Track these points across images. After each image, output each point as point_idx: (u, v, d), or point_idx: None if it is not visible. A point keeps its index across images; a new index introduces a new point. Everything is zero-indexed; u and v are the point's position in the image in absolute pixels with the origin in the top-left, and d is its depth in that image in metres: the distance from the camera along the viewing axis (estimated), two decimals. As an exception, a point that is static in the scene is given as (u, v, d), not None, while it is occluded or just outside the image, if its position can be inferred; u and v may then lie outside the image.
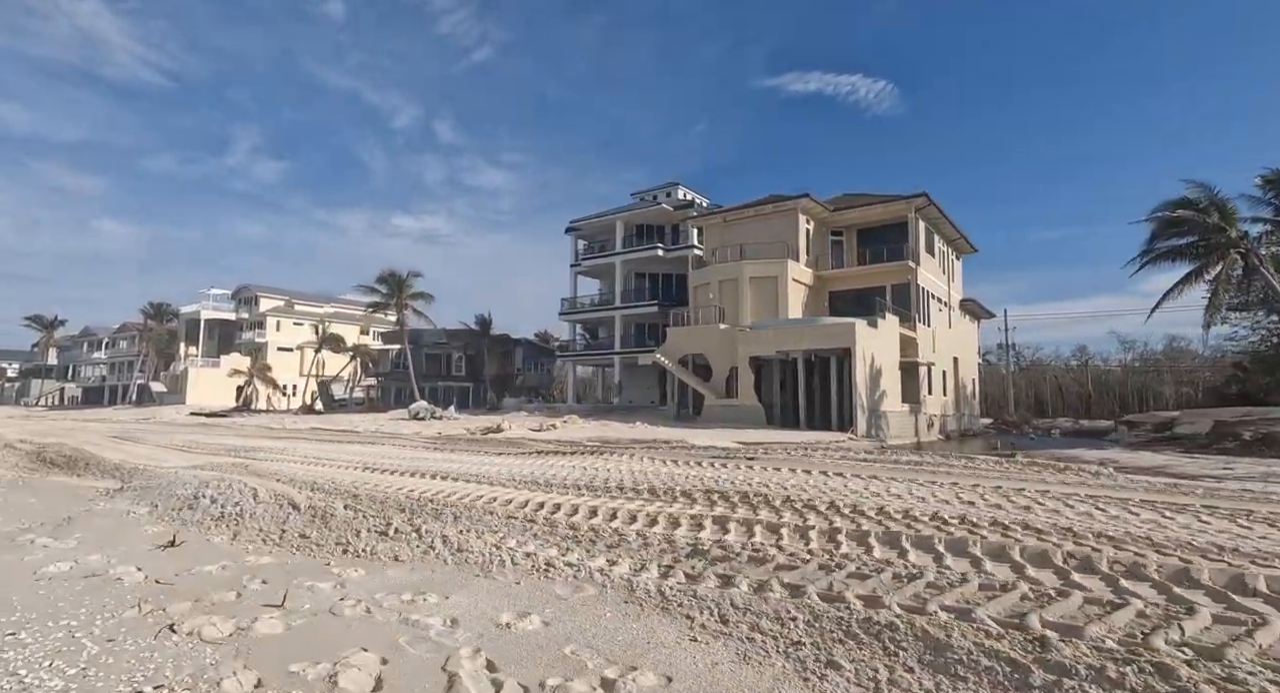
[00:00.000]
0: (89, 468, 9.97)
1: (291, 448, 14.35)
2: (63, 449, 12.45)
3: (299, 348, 66.62)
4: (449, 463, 10.96)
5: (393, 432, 20.69)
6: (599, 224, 41.16)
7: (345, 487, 7.38)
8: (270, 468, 9.46)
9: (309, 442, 16.88)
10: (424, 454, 12.95)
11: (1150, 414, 39.12)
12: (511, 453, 13.13)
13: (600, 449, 13.44)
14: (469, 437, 19.12)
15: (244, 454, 12.58)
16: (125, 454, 12.04)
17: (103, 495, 7.18)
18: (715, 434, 19.55)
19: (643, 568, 4.24)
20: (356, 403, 49.26)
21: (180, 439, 17.43)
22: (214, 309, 67.60)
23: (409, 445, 15.43)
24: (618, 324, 38.29)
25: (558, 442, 16.31)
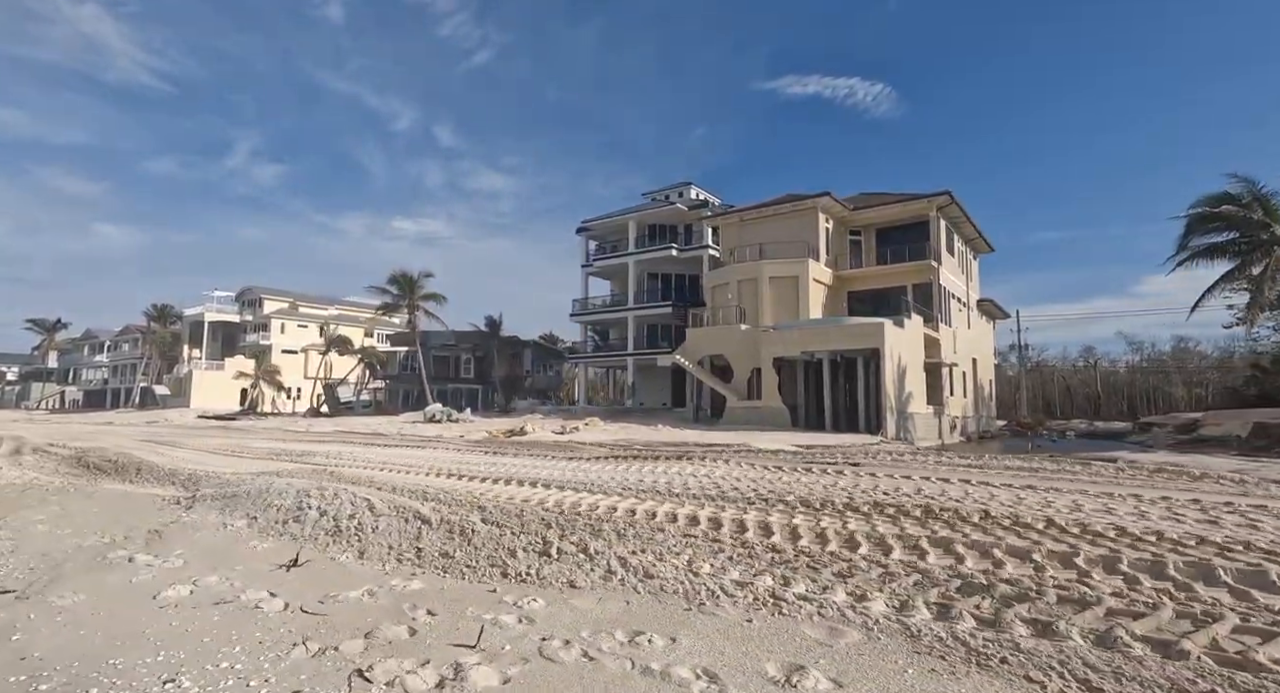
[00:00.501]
0: (141, 474, 9.44)
1: (341, 452, 13.69)
2: (105, 454, 11.85)
3: (303, 350, 66.14)
4: (527, 468, 10.32)
5: (418, 434, 20.18)
6: (611, 224, 40.73)
7: (460, 497, 6.71)
8: (354, 474, 8.84)
9: (346, 445, 16.29)
10: (482, 458, 12.22)
11: (1170, 416, 38.66)
12: (583, 458, 12.29)
13: (684, 453, 12.55)
14: (497, 439, 18.65)
15: (299, 459, 11.97)
16: (168, 459, 11.48)
17: (174, 505, 6.69)
18: (751, 437, 19.07)
19: (907, 605, 3.56)
20: (363, 406, 48.74)
21: (212, 443, 16.85)
22: (218, 311, 67.10)
23: (454, 448, 14.85)
24: (630, 325, 37.83)
25: (596, 444, 15.82)
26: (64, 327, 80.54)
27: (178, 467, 9.87)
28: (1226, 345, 73.91)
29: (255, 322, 67.35)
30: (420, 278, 38.44)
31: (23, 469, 10.25)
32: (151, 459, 10.99)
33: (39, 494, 7.67)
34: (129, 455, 11.46)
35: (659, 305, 36.85)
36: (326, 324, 69.20)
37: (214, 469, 9.62)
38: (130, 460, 10.61)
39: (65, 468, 10.67)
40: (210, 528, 5.62)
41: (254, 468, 9.98)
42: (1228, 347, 73.55)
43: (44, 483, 8.72)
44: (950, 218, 29.94)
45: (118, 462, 10.53)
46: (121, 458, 10.98)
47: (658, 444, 16.15)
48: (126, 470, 9.73)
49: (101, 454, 11.75)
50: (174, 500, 6.97)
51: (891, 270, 29.42)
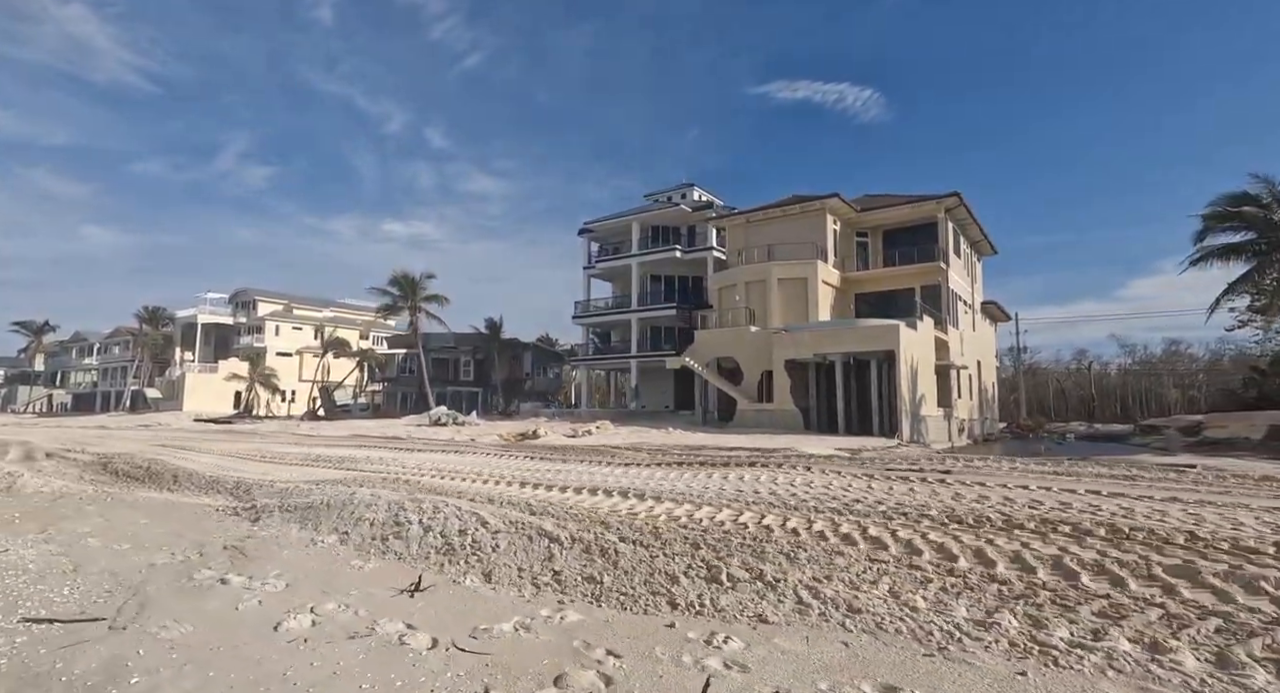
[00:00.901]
0: (179, 482, 8.98)
1: (383, 457, 13.08)
2: (133, 459, 11.29)
3: (298, 353, 65.37)
4: (592, 476, 9.65)
5: (431, 438, 19.71)
6: (613, 225, 40.46)
7: (569, 510, 6.08)
8: (430, 483, 8.23)
9: (373, 449, 15.64)
10: (533, 464, 11.54)
11: (1172, 418, 38.77)
12: (639, 464, 11.48)
13: (733, 460, 11.84)
14: (510, 442, 18.29)
15: (341, 465, 11.43)
16: (200, 465, 10.98)
17: (232, 516, 6.32)
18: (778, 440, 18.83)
19: (1225, 659, 2.94)
20: (360, 409, 48.13)
21: (234, 447, 16.25)
22: (211, 313, 66.16)
23: (487, 453, 14.29)
24: (634, 327, 37.55)
25: (631, 448, 15.41)
26: (52, 329, 79.20)
27: (219, 474, 9.38)
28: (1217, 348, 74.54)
29: (249, 324, 66.48)
30: (422, 279, 37.99)
31: (45, 476, 9.72)
32: (186, 465, 10.49)
33: (73, 504, 7.25)
34: (161, 461, 10.90)
35: (663, 307, 36.59)
36: (322, 326, 68.50)
37: (257, 476, 9.18)
38: (164, 467, 10.11)
39: (90, 475, 10.13)
40: (297, 545, 5.16)
41: (301, 475, 9.53)
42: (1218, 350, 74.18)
43: (75, 492, 8.29)
44: (958, 220, 29.90)
45: (149, 468, 10.02)
46: (153, 464, 10.45)
47: (667, 448, 15.81)
48: (161, 478, 9.27)
49: (129, 460, 11.19)
50: (229, 511, 6.57)
51: (900, 272, 29.32)
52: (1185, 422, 36.74)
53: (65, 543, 5.17)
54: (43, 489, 8.35)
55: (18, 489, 8.46)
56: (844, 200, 29.15)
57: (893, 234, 30.93)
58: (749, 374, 25.86)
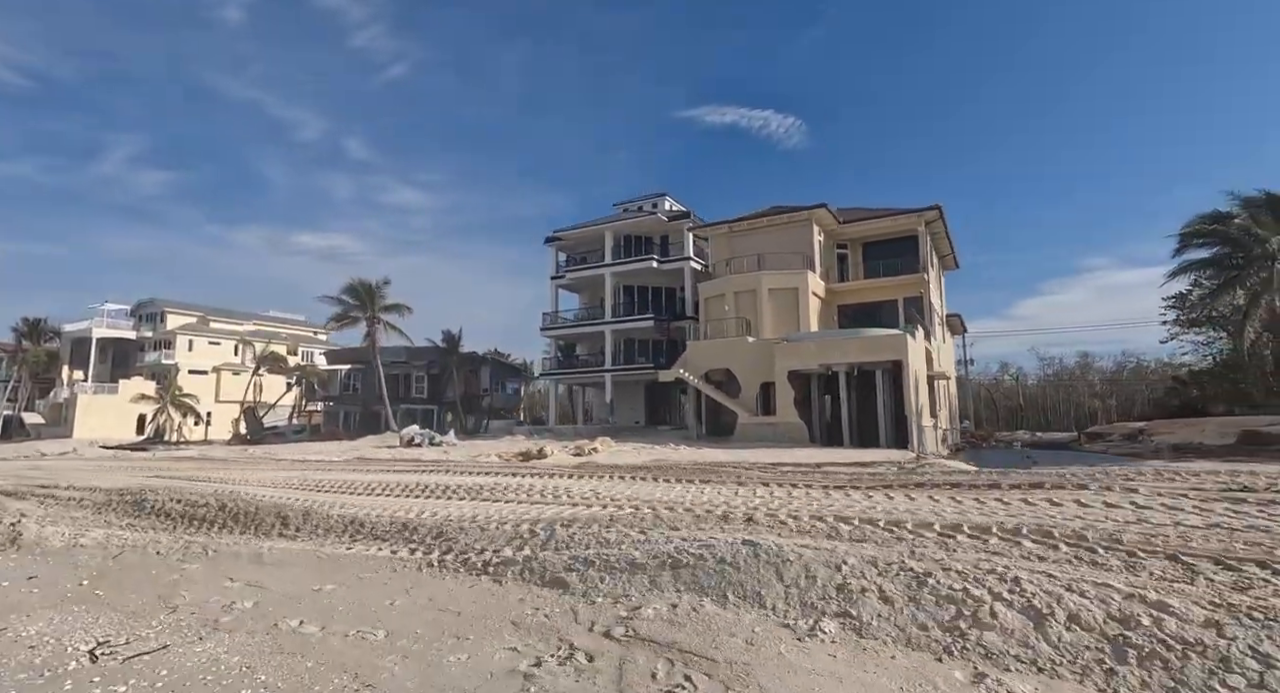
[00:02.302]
0: (289, 524, 6.85)
1: (479, 484, 10.77)
2: (188, 494, 8.60)
3: (215, 370, 59.06)
4: (817, 503, 8.00)
5: (442, 460, 17.04)
6: (584, 234, 38.94)
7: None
8: (646, 514, 6.68)
9: (410, 473, 13.10)
10: (676, 489, 9.70)
11: (1114, 425, 41.37)
12: (790, 485, 9.86)
13: (901, 482, 10.01)
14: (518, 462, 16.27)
15: (457, 494, 9.34)
16: (286, 500, 8.61)
17: (465, 574, 4.56)
18: (790, 454, 17.83)
19: None
20: (295, 432, 43.54)
21: (266, 476, 13.50)
22: (109, 327, 58.59)
23: (569, 476, 12.12)
24: (608, 339, 36.01)
25: (674, 465, 13.75)
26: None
27: (354, 513, 7.12)
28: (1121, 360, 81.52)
29: (156, 338, 59.44)
30: (380, 286, 34.79)
31: (54, 524, 7.28)
32: (282, 500, 8.07)
33: (158, 563, 5.42)
34: (241, 495, 8.31)
35: (641, 318, 35.30)
36: (244, 341, 62.34)
37: (393, 513, 7.17)
38: (250, 503, 7.63)
39: (125, 518, 7.74)
40: (771, 640, 3.33)
41: (443, 509, 7.56)
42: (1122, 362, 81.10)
43: (133, 542, 6.14)
44: (933, 234, 30.58)
45: (227, 505, 7.54)
46: (230, 500, 7.90)
47: (697, 466, 14.41)
48: (258, 518, 6.96)
49: (177, 495, 8.52)
50: (432, 565, 4.75)
51: (883, 284, 29.54)
52: (1126, 429, 39.15)
53: (258, 634, 3.26)
54: (83, 542, 6.20)
55: (32, 542, 6.35)
56: (830, 211, 29.14)
57: (872, 246, 31.27)
58: (747, 386, 24.95)
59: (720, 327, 27.88)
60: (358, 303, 34.20)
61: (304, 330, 70.83)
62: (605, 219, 38.99)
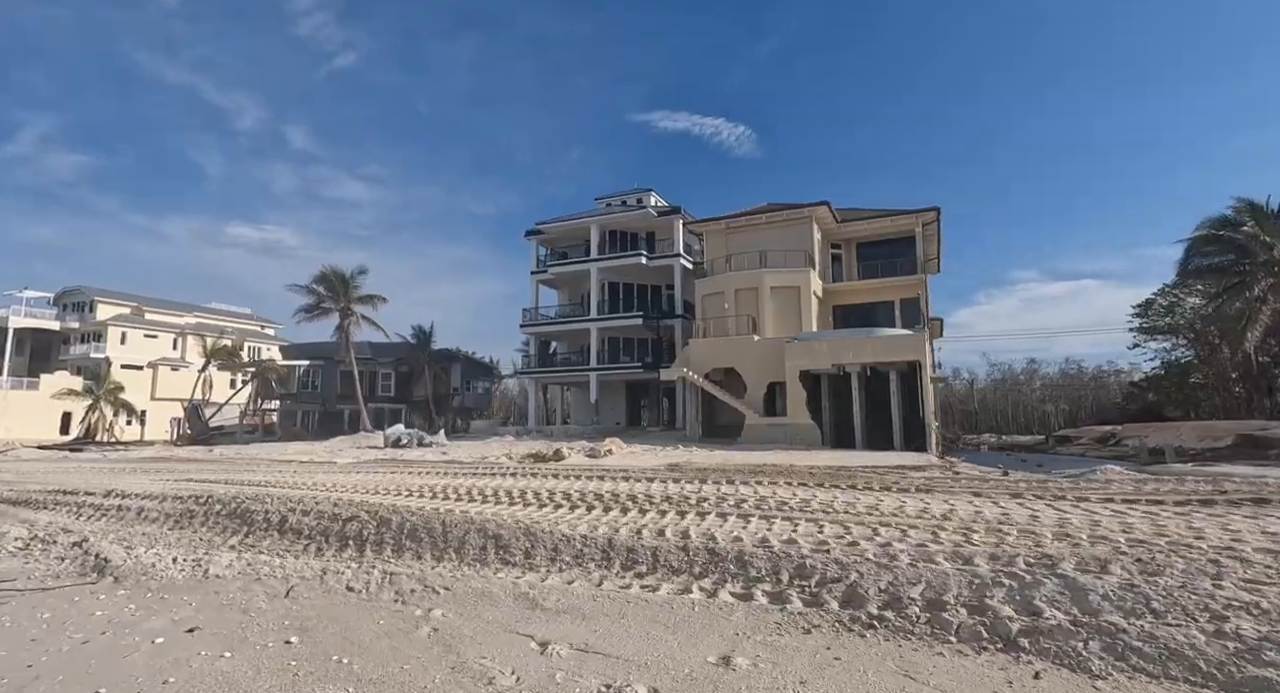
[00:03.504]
0: (513, 548, 5.23)
1: (555, 489, 9.26)
2: (310, 505, 6.98)
3: (152, 365, 54.41)
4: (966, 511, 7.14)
5: (457, 461, 15.23)
6: (567, 228, 37.41)
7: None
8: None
9: (447, 477, 11.57)
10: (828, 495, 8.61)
11: (1084, 429, 42.60)
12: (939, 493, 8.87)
13: (1013, 490, 9.06)
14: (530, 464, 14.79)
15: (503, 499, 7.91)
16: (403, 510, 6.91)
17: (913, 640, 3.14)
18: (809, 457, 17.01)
19: None
20: (247, 431, 40.21)
21: (295, 479, 11.57)
22: (28, 316, 53.02)
23: (609, 476, 10.81)
24: (594, 337, 34.60)
25: (716, 468, 12.53)
26: None
27: (567, 531, 5.61)
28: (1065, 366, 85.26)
29: (84, 330, 54.29)
30: (354, 276, 32.20)
31: (158, 545, 5.96)
32: (471, 513, 6.44)
33: (389, 610, 4.05)
34: (409, 510, 6.42)
35: (629, 316, 34.04)
36: (183, 334, 57.63)
37: (619, 530, 5.75)
38: (430, 518, 5.90)
39: (228, 536, 6.23)
40: None
41: (643, 522, 6.23)
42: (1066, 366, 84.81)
43: (294, 572, 4.71)
44: (928, 236, 30.59)
45: (392, 521, 5.85)
46: (401, 517, 6.09)
47: (729, 469, 13.36)
48: (453, 540, 5.34)
49: (308, 506, 6.70)
50: (853, 623, 3.46)
51: (880, 285, 29.29)
52: (1097, 432, 40.28)
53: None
54: (208, 570, 4.87)
55: (133, 571, 5.06)
56: (831, 210, 28.68)
57: (867, 246, 31.04)
58: (753, 386, 24.09)
59: (720, 325, 26.96)
60: (330, 293, 31.58)
61: (250, 324, 66.29)
62: (590, 212, 37.59)
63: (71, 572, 5.31)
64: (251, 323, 66.88)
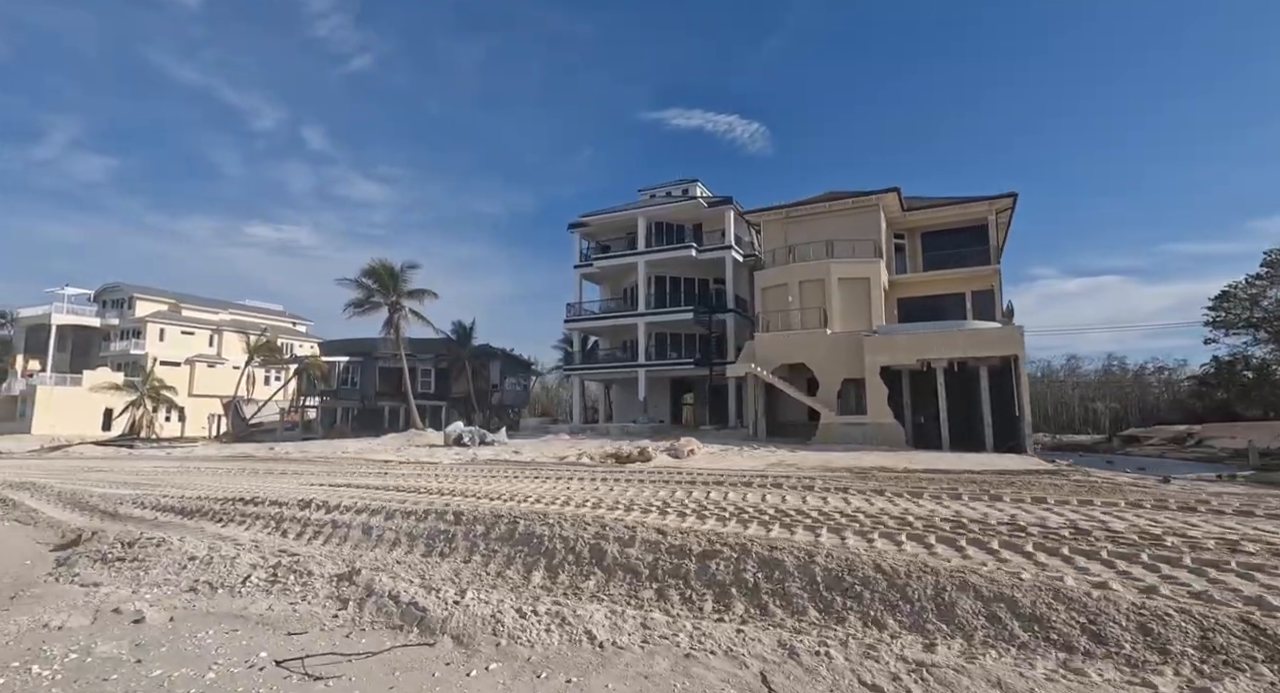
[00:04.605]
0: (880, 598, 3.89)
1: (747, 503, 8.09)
2: (632, 534, 5.32)
3: (189, 362, 54.52)
4: None
5: (538, 464, 14.16)
6: (612, 220, 36.35)
7: None
8: None
9: (560, 481, 10.63)
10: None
11: (1155, 429, 40.62)
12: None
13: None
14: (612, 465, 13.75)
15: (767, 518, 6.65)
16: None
17: None
18: (910, 459, 15.72)
19: None
20: (287, 428, 39.82)
21: (424, 484, 10.35)
22: (70, 313, 53.40)
23: (756, 483, 9.63)
24: (641, 332, 33.51)
25: (814, 472, 11.34)
26: None
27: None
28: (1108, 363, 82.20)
29: (123, 326, 54.54)
30: (404, 270, 31.47)
31: (479, 591, 4.53)
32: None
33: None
34: (763, 543, 4.83)
35: (679, 311, 32.86)
36: (218, 330, 57.71)
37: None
38: (853, 561, 4.27)
39: (524, 572, 4.96)
40: None
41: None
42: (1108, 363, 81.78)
43: (728, 644, 3.57)
44: (1000, 224, 28.97)
45: (747, 549, 4.48)
46: (763, 550, 4.55)
47: (868, 471, 12.09)
48: (899, 594, 3.87)
49: (631, 535, 5.16)
50: None
51: (949, 276, 27.76)
52: (1169, 432, 38.35)
53: None
54: (614, 643, 3.61)
55: (495, 634, 3.81)
56: (899, 197, 27.21)
57: (932, 236, 29.48)
58: (826, 383, 22.82)
59: (783, 319, 25.69)
60: (379, 288, 30.85)
61: (283, 321, 66.31)
62: (638, 204, 36.46)
63: (373, 622, 4.03)
64: (284, 320, 66.93)
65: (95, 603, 4.60)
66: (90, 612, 4.38)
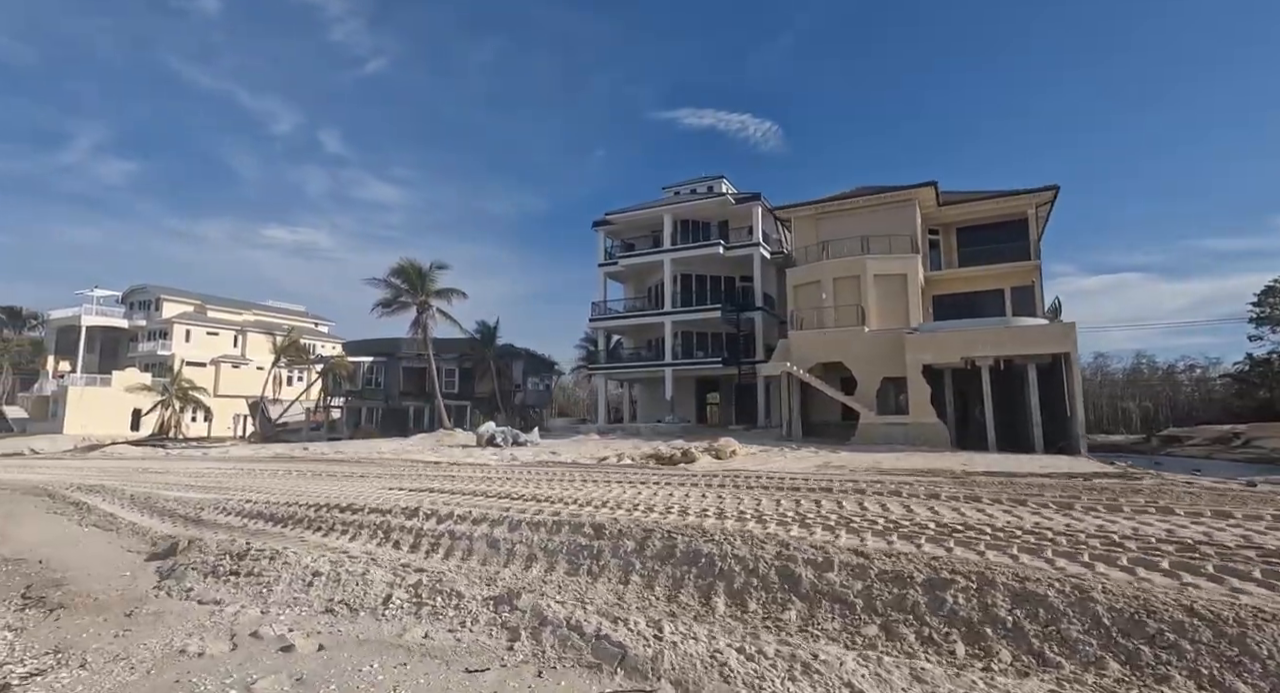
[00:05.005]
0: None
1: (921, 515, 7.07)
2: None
3: (214, 362, 55.04)
4: None
5: (580, 466, 13.58)
6: (637, 218, 35.97)
7: None
8: None
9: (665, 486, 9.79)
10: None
11: (1197, 428, 39.34)
12: None
13: None
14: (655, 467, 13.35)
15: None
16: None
17: None
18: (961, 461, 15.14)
19: None
20: (312, 428, 39.98)
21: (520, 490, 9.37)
22: (100, 314, 54.16)
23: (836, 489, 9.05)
24: (668, 331, 33.11)
25: (866, 475, 10.78)
26: None
27: None
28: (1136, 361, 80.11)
29: (151, 328, 55.22)
30: (432, 270, 31.35)
31: (675, 624, 4.04)
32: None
33: None
34: (1010, 572, 4.09)
35: (706, 309, 32.39)
36: (242, 331, 58.24)
37: None
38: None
39: (671, 592, 4.51)
40: None
41: None
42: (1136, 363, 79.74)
43: None
44: (1039, 218, 28.15)
45: (988, 578, 3.92)
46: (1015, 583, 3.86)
47: (914, 473, 11.41)
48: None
49: (784, 550, 4.64)
50: None
51: (987, 272, 27.04)
52: (1213, 432, 37.09)
53: None
54: None
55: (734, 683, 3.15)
56: (936, 191, 26.52)
57: (968, 231, 28.75)
58: (864, 381, 22.25)
59: (816, 317, 25.15)
60: (407, 287, 30.75)
61: (305, 321, 66.79)
62: (664, 201, 36.05)
63: (560, 658, 3.49)
64: (305, 320, 67.44)
65: (226, 625, 4.24)
66: (225, 636, 4.03)
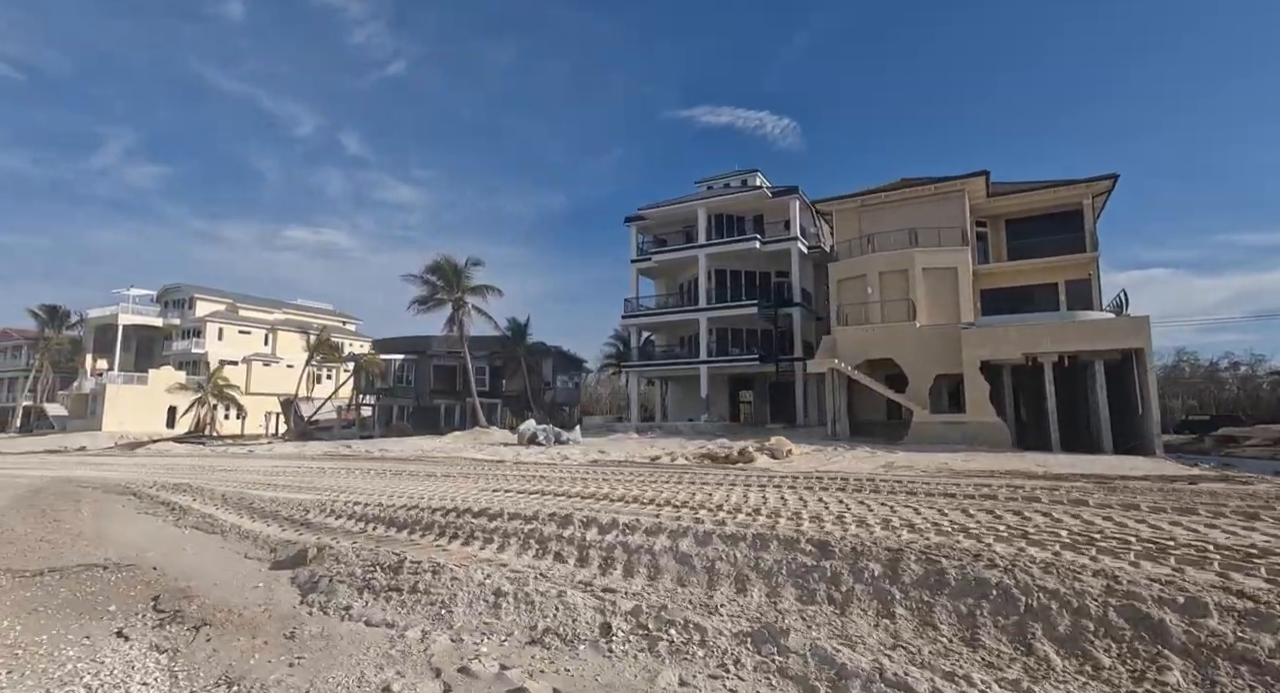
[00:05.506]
0: None
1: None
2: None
3: (246, 361, 55.66)
4: None
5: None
6: (671, 212, 35.36)
7: None
8: None
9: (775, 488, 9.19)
10: None
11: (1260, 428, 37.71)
12: None
13: None
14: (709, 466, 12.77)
15: None
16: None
17: None
18: (1043, 461, 14.33)
19: None
20: (344, 426, 40.09)
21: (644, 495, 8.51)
22: (135, 313, 55.08)
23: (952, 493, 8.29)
24: (703, 328, 32.46)
25: (937, 478, 10.02)
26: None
27: None
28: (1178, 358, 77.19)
29: (184, 326, 56.04)
30: (468, 267, 31.12)
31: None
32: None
33: None
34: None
35: (742, 305, 31.69)
36: (273, 330, 58.87)
37: None
38: None
39: (967, 632, 3.54)
40: None
41: None
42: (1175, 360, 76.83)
43: None
44: (1095, 209, 26.95)
45: None
46: None
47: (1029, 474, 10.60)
48: None
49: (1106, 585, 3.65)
50: None
51: (1039, 265, 25.92)
52: (1274, 432, 35.46)
53: None
54: None
55: None
56: (987, 181, 25.50)
57: (1018, 223, 27.62)
58: (916, 379, 21.42)
59: (862, 312, 24.31)
60: (444, 284, 30.54)
61: (333, 320, 67.36)
62: (698, 195, 35.39)
63: None
64: (334, 319, 68.01)
65: (418, 655, 3.51)
66: (425, 670, 3.32)
